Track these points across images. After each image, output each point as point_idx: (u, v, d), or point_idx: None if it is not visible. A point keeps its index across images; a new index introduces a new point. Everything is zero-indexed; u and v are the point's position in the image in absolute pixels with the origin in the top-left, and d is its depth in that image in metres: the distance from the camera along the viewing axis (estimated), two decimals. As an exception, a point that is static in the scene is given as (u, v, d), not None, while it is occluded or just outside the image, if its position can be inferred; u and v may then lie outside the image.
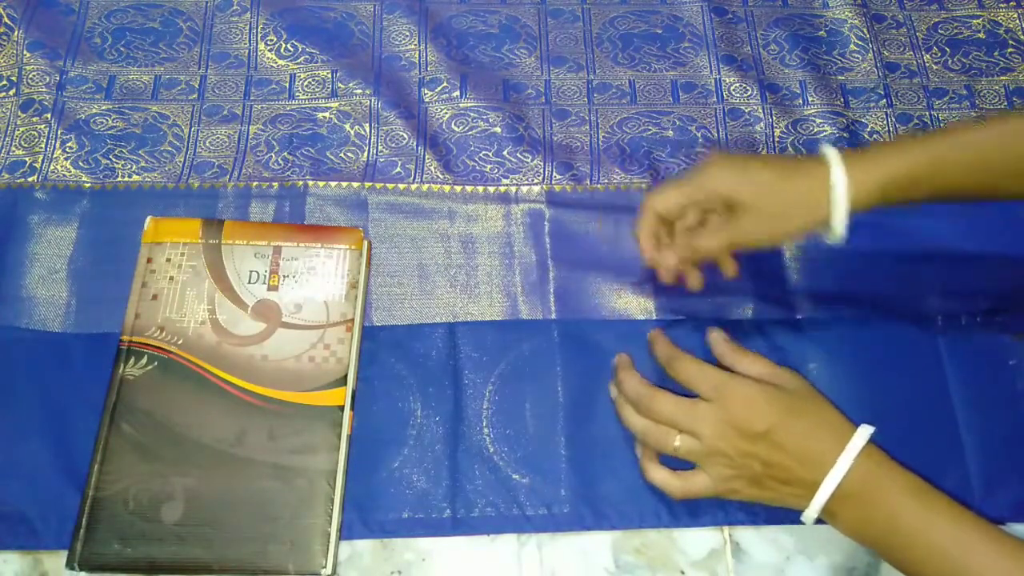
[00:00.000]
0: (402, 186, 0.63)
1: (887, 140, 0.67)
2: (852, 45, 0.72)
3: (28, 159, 0.63)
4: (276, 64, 0.69)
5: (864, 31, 0.72)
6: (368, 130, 0.66)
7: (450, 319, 0.59)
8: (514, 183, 0.64)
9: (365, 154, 0.65)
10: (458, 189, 0.63)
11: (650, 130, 0.67)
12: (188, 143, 0.65)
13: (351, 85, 0.68)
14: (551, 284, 0.60)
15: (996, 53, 0.72)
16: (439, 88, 0.68)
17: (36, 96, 0.66)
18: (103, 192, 0.62)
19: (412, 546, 0.52)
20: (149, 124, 0.65)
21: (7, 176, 0.62)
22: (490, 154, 0.65)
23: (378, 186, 0.63)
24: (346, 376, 0.54)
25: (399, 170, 0.64)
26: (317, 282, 0.57)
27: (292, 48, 0.70)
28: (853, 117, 0.68)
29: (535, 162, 0.65)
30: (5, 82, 0.67)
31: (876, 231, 0.61)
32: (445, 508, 0.53)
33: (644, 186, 0.64)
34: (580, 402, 0.56)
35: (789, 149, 0.66)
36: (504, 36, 0.71)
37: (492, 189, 0.64)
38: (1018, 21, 0.74)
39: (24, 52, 0.67)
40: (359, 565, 0.51)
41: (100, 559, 0.49)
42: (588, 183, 0.64)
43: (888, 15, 0.74)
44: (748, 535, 0.53)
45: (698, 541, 0.53)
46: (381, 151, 0.65)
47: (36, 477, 0.52)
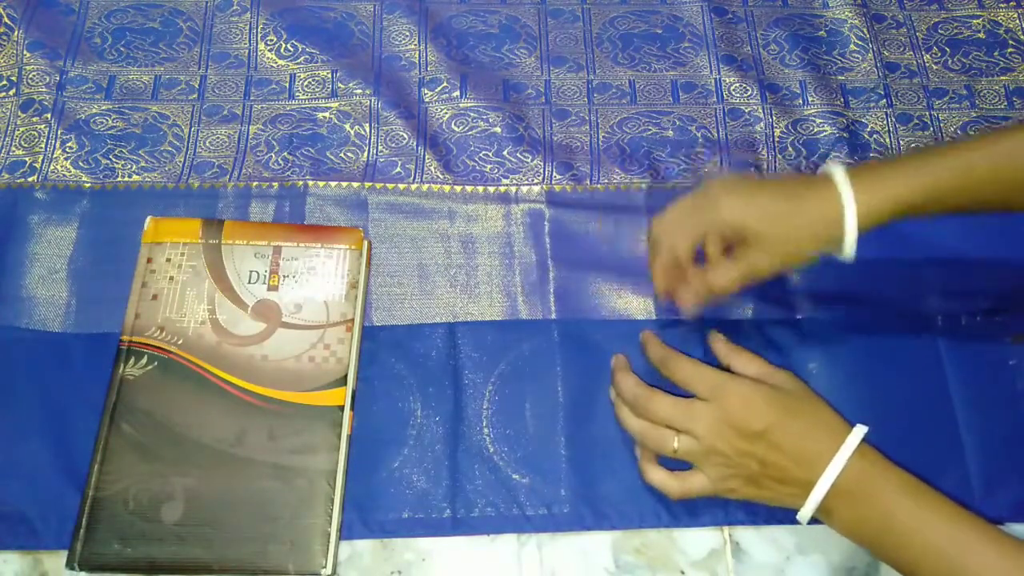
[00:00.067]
0: (402, 186, 0.63)
1: (894, 155, 0.66)
2: (852, 45, 0.72)
3: (28, 159, 0.63)
4: (276, 64, 0.69)
5: (864, 31, 0.72)
6: (368, 130, 0.66)
7: (450, 319, 0.59)
8: (514, 183, 0.64)
9: (365, 154, 0.65)
10: (458, 189, 0.63)
11: (650, 130, 0.67)
12: (188, 143, 0.65)
13: (351, 85, 0.68)
14: (551, 284, 0.60)
15: (996, 53, 0.72)
16: (439, 88, 0.68)
17: (36, 96, 0.66)
18: (103, 192, 0.62)
19: (412, 546, 0.52)
20: (149, 124, 0.65)
21: (7, 176, 0.62)
22: (490, 154, 0.65)
23: (378, 186, 0.63)
24: (346, 376, 0.54)
25: (399, 170, 0.64)
26: (317, 282, 0.57)
27: (292, 48, 0.70)
28: (853, 117, 0.68)
29: (535, 162, 0.65)
30: (5, 82, 0.67)
31: (876, 232, 0.61)
32: (445, 508, 0.53)
33: (644, 186, 0.64)
34: (580, 402, 0.56)
35: (789, 149, 0.66)
36: (504, 36, 0.71)
37: (492, 189, 0.64)
38: (1018, 21, 0.74)
39: (24, 52, 0.67)
40: (359, 565, 0.51)
41: (100, 559, 0.49)
42: (588, 183, 0.64)
43: (888, 15, 0.74)
44: (748, 535, 0.53)
45: (698, 541, 0.53)
46: (381, 151, 0.65)
47: (36, 477, 0.52)
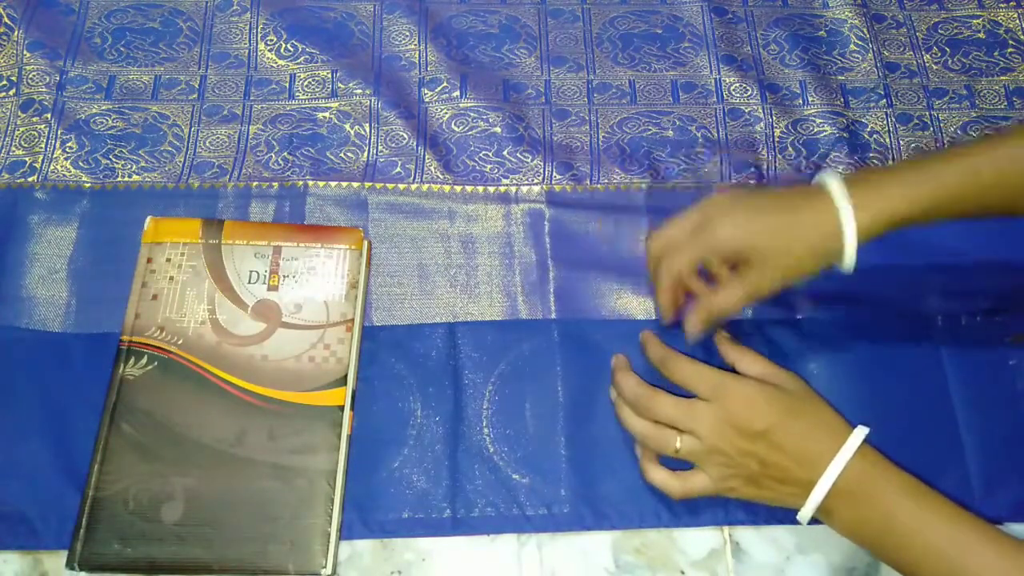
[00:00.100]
0: (402, 186, 0.63)
1: (892, 163, 0.66)
2: (852, 45, 0.72)
3: (28, 159, 0.63)
4: (276, 64, 0.69)
5: (864, 31, 0.72)
6: (368, 130, 0.66)
7: (450, 319, 0.59)
8: (514, 183, 0.64)
9: (365, 154, 0.65)
10: (458, 189, 0.63)
11: (650, 130, 0.67)
12: (188, 143, 0.65)
13: (351, 85, 0.68)
14: (551, 284, 0.60)
15: (996, 53, 0.72)
16: (439, 88, 0.68)
17: (36, 96, 0.66)
18: (103, 192, 0.62)
19: (412, 546, 0.52)
20: (149, 124, 0.65)
21: (7, 176, 0.62)
22: (490, 154, 0.65)
23: (378, 186, 0.63)
24: (346, 376, 0.54)
25: (399, 170, 0.64)
26: (317, 282, 0.57)
27: (292, 48, 0.70)
28: (853, 117, 0.68)
29: (535, 162, 0.65)
30: (5, 82, 0.67)
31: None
32: (445, 508, 0.53)
33: (644, 186, 0.64)
34: (580, 402, 0.56)
35: (789, 149, 0.66)
36: (504, 36, 0.71)
37: (492, 189, 0.64)
38: (1018, 21, 0.74)
39: (24, 52, 0.67)
40: (359, 565, 0.51)
41: (100, 559, 0.49)
42: (588, 183, 0.64)
43: (888, 15, 0.74)
44: (748, 535, 0.53)
45: (698, 541, 0.53)
46: (381, 151, 0.65)
47: (36, 477, 0.52)
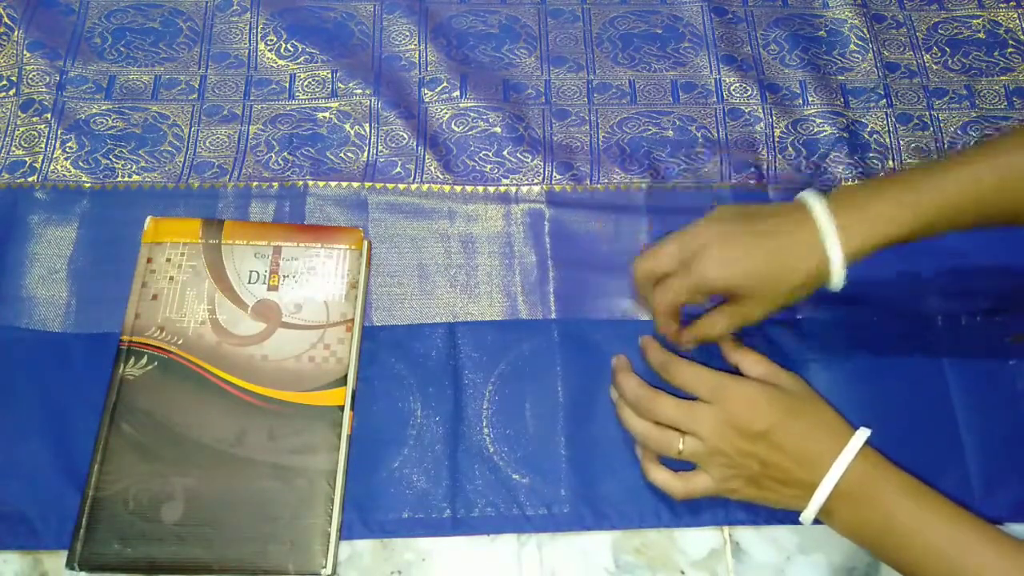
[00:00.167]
0: (402, 186, 0.63)
1: (881, 178, 0.63)
2: (852, 45, 0.72)
3: (28, 159, 0.63)
4: (276, 64, 0.69)
5: (864, 31, 0.72)
6: (368, 130, 0.66)
7: (450, 319, 0.59)
8: (514, 183, 0.64)
9: (365, 154, 0.65)
10: (458, 189, 0.63)
11: (650, 130, 0.67)
12: (188, 143, 0.65)
13: (351, 85, 0.68)
14: (551, 284, 0.60)
15: (996, 53, 0.72)
16: (439, 88, 0.68)
17: (36, 96, 0.66)
18: (103, 192, 0.62)
19: (412, 546, 0.52)
20: (149, 124, 0.65)
21: (7, 176, 0.62)
22: (490, 154, 0.65)
23: (378, 186, 0.63)
24: (346, 376, 0.54)
25: (399, 170, 0.64)
26: (317, 282, 0.57)
27: (292, 48, 0.70)
28: (853, 117, 0.68)
29: (535, 162, 0.65)
30: (5, 82, 0.67)
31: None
32: (445, 508, 0.53)
33: (644, 186, 0.64)
34: (580, 402, 0.56)
35: (789, 149, 0.66)
36: (504, 36, 0.71)
37: (492, 189, 0.64)
38: (1018, 21, 0.74)
39: (24, 52, 0.67)
40: (359, 565, 0.51)
41: (100, 559, 0.49)
42: (588, 183, 0.64)
43: (888, 15, 0.74)
44: (748, 535, 0.53)
45: (698, 541, 0.53)
46: (381, 151, 0.65)
47: (36, 477, 0.52)
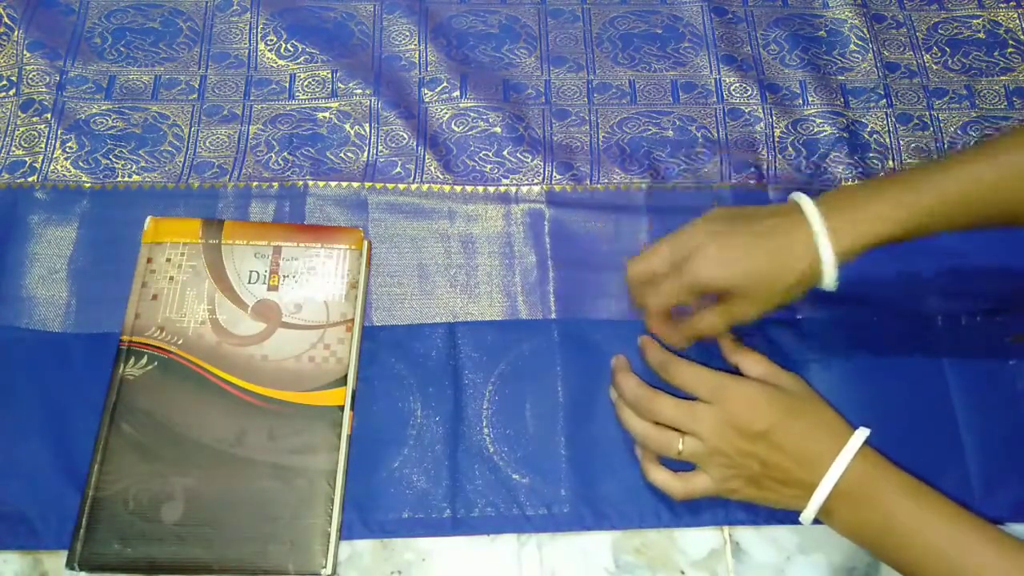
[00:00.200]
0: (402, 186, 0.63)
1: (878, 178, 0.64)
2: (852, 45, 0.72)
3: (28, 159, 0.63)
4: (276, 64, 0.69)
5: (864, 31, 0.72)
6: (368, 130, 0.66)
7: (450, 319, 0.59)
8: (514, 183, 0.64)
9: (365, 154, 0.65)
10: (458, 189, 0.63)
11: (650, 130, 0.67)
12: (188, 143, 0.65)
13: (351, 85, 0.68)
14: (551, 284, 0.60)
15: (996, 53, 0.72)
16: (439, 88, 0.68)
17: (36, 96, 0.66)
18: (103, 192, 0.62)
19: (412, 546, 0.52)
20: (149, 124, 0.65)
21: (7, 176, 0.62)
22: (490, 154, 0.65)
23: (378, 186, 0.63)
24: (346, 376, 0.54)
25: (399, 170, 0.64)
26: (317, 282, 0.57)
27: (292, 48, 0.70)
28: (853, 117, 0.68)
29: (535, 162, 0.65)
30: (5, 82, 0.67)
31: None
32: (445, 508, 0.53)
33: (644, 186, 0.64)
34: (580, 402, 0.56)
35: (789, 149, 0.66)
36: (504, 36, 0.71)
37: (492, 189, 0.64)
38: (1018, 21, 0.74)
39: (24, 52, 0.67)
40: (359, 565, 0.51)
41: (100, 559, 0.49)
42: (588, 183, 0.64)
43: (888, 15, 0.74)
44: (748, 535, 0.53)
45: (698, 541, 0.53)
46: (381, 151, 0.65)
47: (36, 477, 0.52)
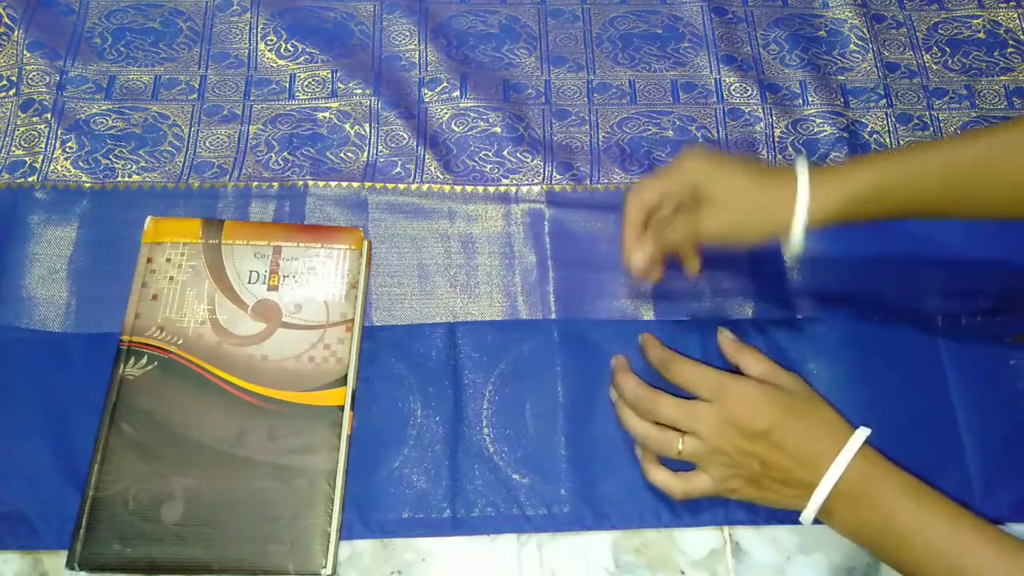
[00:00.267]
0: (402, 186, 0.63)
1: (867, 154, 0.65)
2: (852, 45, 0.72)
3: (28, 159, 0.63)
4: (276, 64, 0.69)
5: (864, 31, 0.72)
6: (368, 130, 0.66)
7: (450, 319, 0.59)
8: (514, 183, 0.64)
9: (365, 154, 0.65)
10: (458, 189, 0.63)
11: (650, 130, 0.67)
12: (188, 143, 0.65)
13: (351, 85, 0.68)
14: (551, 284, 0.60)
15: (996, 53, 0.72)
16: (439, 88, 0.68)
17: (36, 96, 0.66)
18: (103, 192, 0.62)
19: (412, 546, 0.52)
20: (149, 124, 0.65)
21: (7, 176, 0.62)
22: (490, 154, 0.65)
23: (378, 186, 0.63)
24: (346, 376, 0.54)
25: (399, 170, 0.64)
26: (317, 282, 0.57)
27: (292, 48, 0.70)
28: (853, 117, 0.68)
29: (535, 162, 0.65)
30: (5, 82, 0.67)
31: (876, 231, 0.61)
32: (445, 508, 0.53)
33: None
34: (580, 402, 0.56)
35: (789, 149, 0.66)
36: (504, 36, 0.71)
37: (492, 189, 0.63)
38: (1018, 21, 0.74)
39: (24, 52, 0.67)
40: (359, 565, 0.51)
41: (100, 559, 0.49)
42: (588, 183, 0.64)
43: (888, 15, 0.74)
44: (748, 535, 0.53)
45: (698, 541, 0.53)
46: (381, 151, 0.65)
47: (36, 477, 0.52)
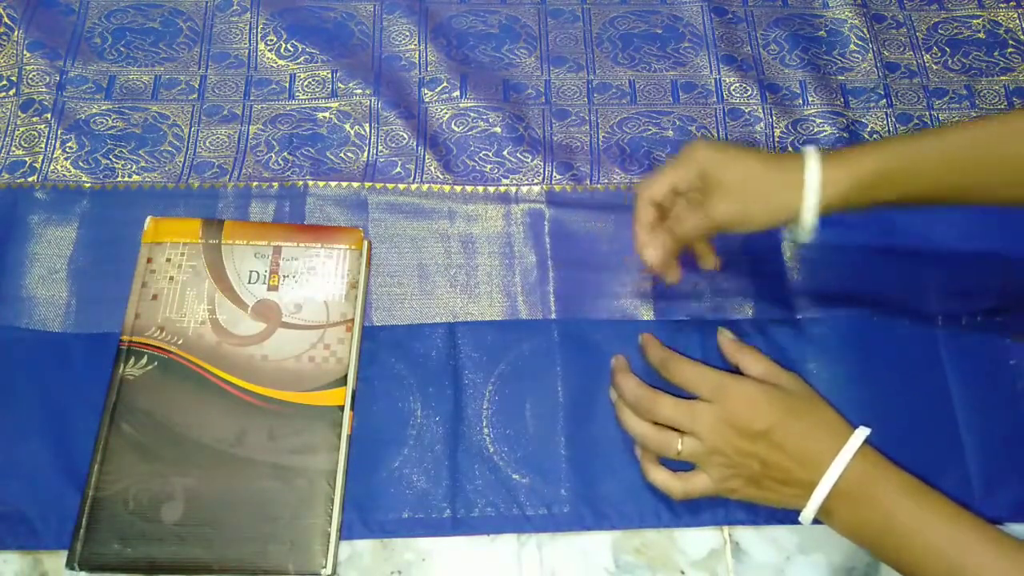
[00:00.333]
0: (402, 186, 0.63)
1: (875, 140, 0.66)
2: (852, 45, 0.72)
3: (28, 159, 0.63)
4: (276, 64, 0.69)
5: (864, 31, 0.72)
6: (368, 130, 0.66)
7: (450, 319, 0.59)
8: (514, 183, 0.64)
9: (365, 154, 0.65)
10: (458, 189, 0.63)
11: (650, 130, 0.67)
12: (188, 143, 0.65)
13: (351, 85, 0.68)
14: (551, 284, 0.60)
15: (996, 53, 0.72)
16: (439, 88, 0.68)
17: (36, 96, 0.66)
18: (103, 192, 0.62)
19: (412, 546, 0.52)
20: (149, 124, 0.65)
21: (7, 176, 0.62)
22: (490, 154, 0.65)
23: (378, 186, 0.63)
24: (346, 376, 0.54)
25: (399, 170, 0.64)
26: (317, 282, 0.57)
27: (292, 48, 0.70)
28: (853, 117, 0.68)
29: (535, 162, 0.65)
30: (5, 82, 0.67)
31: (876, 231, 0.61)
32: (445, 508, 0.53)
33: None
34: (580, 402, 0.56)
35: (789, 149, 0.66)
36: (504, 36, 0.71)
37: (492, 189, 0.64)
38: (1018, 21, 0.74)
39: (24, 52, 0.67)
40: (359, 565, 0.51)
41: (100, 559, 0.49)
42: (588, 183, 0.64)
43: (888, 15, 0.74)
44: (748, 535, 0.53)
45: (698, 541, 0.53)
46: (381, 151, 0.65)
47: (36, 477, 0.52)
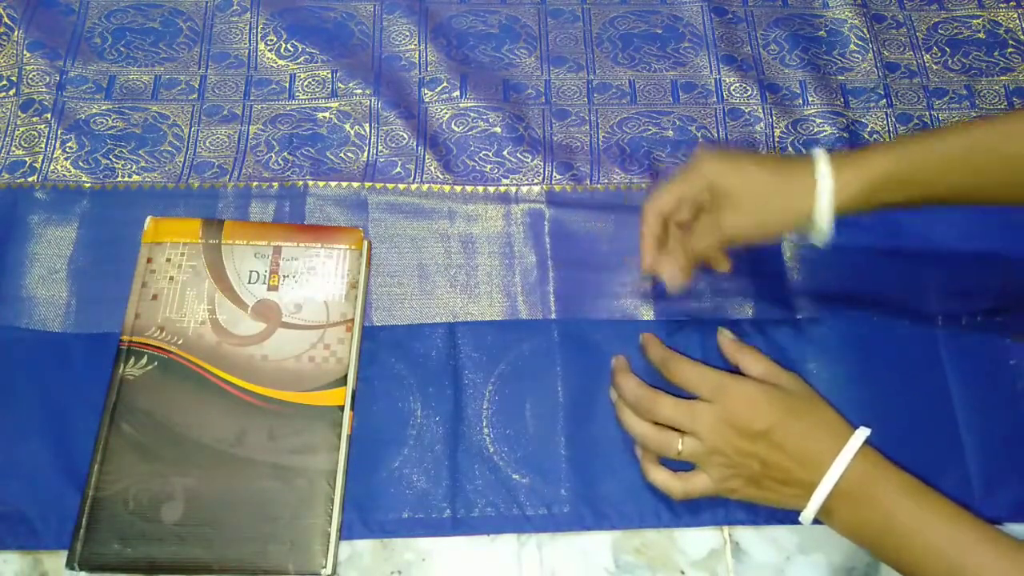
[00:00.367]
0: (402, 186, 0.63)
1: (883, 141, 0.67)
2: (852, 45, 0.72)
3: (28, 159, 0.63)
4: (276, 64, 0.69)
5: (864, 31, 0.72)
6: (368, 130, 0.66)
7: (450, 319, 0.59)
8: (514, 183, 0.64)
9: (365, 154, 0.65)
10: (458, 189, 0.63)
11: (650, 130, 0.67)
12: (188, 143, 0.65)
13: (351, 85, 0.68)
14: (551, 284, 0.60)
15: (996, 53, 0.72)
16: (439, 88, 0.68)
17: (36, 96, 0.66)
18: (103, 192, 0.62)
19: (412, 546, 0.52)
20: (149, 124, 0.65)
21: (7, 176, 0.62)
22: (490, 154, 0.65)
23: (378, 186, 0.63)
24: (346, 376, 0.54)
25: (399, 170, 0.64)
26: (317, 282, 0.57)
27: (292, 48, 0.70)
28: (853, 117, 0.68)
29: (535, 162, 0.65)
30: (5, 82, 0.67)
31: (877, 231, 0.61)
32: (445, 508, 0.53)
33: (644, 186, 0.64)
34: (580, 402, 0.56)
35: (789, 149, 0.66)
36: (504, 36, 0.71)
37: (492, 189, 0.64)
38: (1018, 21, 0.74)
39: (24, 52, 0.67)
40: (359, 565, 0.51)
41: (100, 559, 0.49)
42: (588, 183, 0.64)
43: (888, 15, 0.74)
44: (748, 535, 0.53)
45: (698, 541, 0.53)
46: (381, 151, 0.65)
47: (36, 477, 0.52)
